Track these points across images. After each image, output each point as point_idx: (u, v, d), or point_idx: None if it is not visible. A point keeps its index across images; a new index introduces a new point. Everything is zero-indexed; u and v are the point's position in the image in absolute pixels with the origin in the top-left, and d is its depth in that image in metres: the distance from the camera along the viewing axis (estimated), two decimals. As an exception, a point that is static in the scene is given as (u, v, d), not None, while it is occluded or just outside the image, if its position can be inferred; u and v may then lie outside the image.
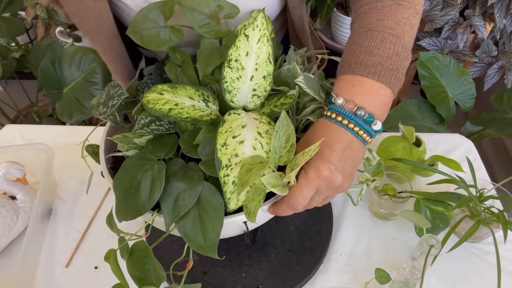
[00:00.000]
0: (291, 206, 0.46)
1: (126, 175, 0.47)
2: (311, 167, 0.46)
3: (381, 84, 0.49)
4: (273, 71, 0.51)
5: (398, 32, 0.50)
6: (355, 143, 0.48)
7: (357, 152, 0.49)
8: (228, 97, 0.49)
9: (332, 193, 0.48)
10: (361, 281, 0.66)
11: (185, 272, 0.46)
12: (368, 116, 0.47)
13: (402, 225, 0.73)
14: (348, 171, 0.47)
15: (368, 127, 0.48)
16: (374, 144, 0.80)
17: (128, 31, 0.52)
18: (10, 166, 0.70)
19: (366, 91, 0.49)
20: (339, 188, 0.48)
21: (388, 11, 0.51)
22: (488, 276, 0.66)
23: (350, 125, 0.47)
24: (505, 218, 0.60)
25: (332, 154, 0.46)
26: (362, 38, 0.51)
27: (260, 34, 0.48)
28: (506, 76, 1.48)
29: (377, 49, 0.50)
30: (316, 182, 0.45)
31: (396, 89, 0.51)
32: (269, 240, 0.70)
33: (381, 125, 0.49)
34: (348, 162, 0.47)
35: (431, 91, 1.29)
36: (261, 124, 0.47)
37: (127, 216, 0.44)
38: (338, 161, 0.46)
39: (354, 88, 0.49)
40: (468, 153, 0.85)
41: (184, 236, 0.45)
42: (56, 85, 1.14)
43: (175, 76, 0.54)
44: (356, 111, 0.47)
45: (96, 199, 0.78)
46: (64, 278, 0.67)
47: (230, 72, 0.48)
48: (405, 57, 0.51)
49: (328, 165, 0.45)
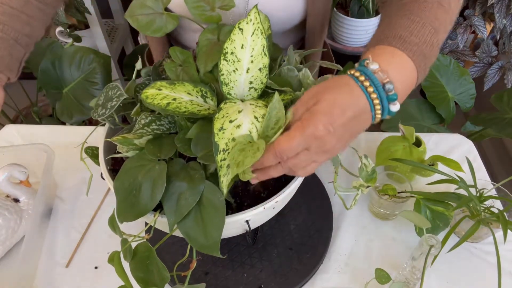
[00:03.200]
0: (277, 153, 0.43)
1: (127, 176, 0.47)
2: (311, 123, 0.43)
3: (414, 66, 0.47)
4: (274, 70, 0.51)
5: (437, 26, 0.49)
6: (366, 114, 0.45)
7: (362, 124, 0.46)
8: (226, 90, 0.49)
9: (320, 157, 0.45)
10: (361, 281, 0.66)
11: (189, 272, 0.46)
12: (393, 94, 0.45)
13: (402, 225, 0.73)
14: (345, 139, 0.45)
15: (387, 104, 0.45)
16: (374, 144, 0.80)
17: (126, 14, 0.52)
18: (13, 168, 0.70)
19: (402, 68, 0.46)
20: (329, 153, 0.45)
21: (430, 7, 0.50)
22: (488, 276, 0.66)
23: (373, 95, 0.44)
24: (505, 218, 0.60)
25: (340, 118, 0.43)
26: (402, 19, 0.49)
27: (254, 28, 0.48)
28: (506, 76, 1.48)
29: (416, 31, 0.48)
30: (309, 138, 0.43)
31: (418, 80, 0.49)
32: (270, 239, 0.70)
33: (398, 108, 0.46)
34: (349, 131, 0.45)
35: (431, 91, 1.29)
36: (257, 108, 0.47)
37: (129, 217, 0.44)
38: (341, 127, 0.43)
39: (393, 59, 0.46)
40: (468, 153, 0.85)
41: (186, 235, 0.45)
42: (56, 85, 1.14)
43: (175, 75, 0.55)
44: (386, 83, 0.44)
45: (96, 199, 0.78)
46: (64, 278, 0.67)
47: (227, 64, 0.48)
48: (434, 54, 0.49)
49: (330, 127, 0.42)
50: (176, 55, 0.55)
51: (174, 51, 0.55)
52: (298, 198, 0.75)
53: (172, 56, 0.55)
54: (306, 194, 0.76)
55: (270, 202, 0.48)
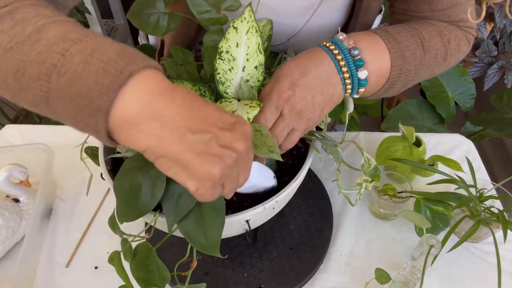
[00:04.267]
0: None
1: (127, 177, 0.47)
2: (275, 87, 0.44)
3: (389, 56, 0.48)
4: (273, 67, 0.51)
5: (426, 46, 0.50)
6: (333, 78, 0.46)
7: (332, 88, 0.46)
8: (222, 89, 0.49)
9: (298, 123, 0.45)
10: (361, 281, 0.66)
11: (190, 272, 0.46)
12: (360, 59, 0.45)
13: (402, 225, 0.73)
14: (317, 101, 0.45)
15: (354, 69, 0.46)
16: (374, 144, 0.80)
17: (128, 14, 0.52)
18: (13, 168, 0.70)
19: (374, 47, 0.47)
20: (304, 118, 0.45)
21: (430, 29, 0.52)
22: (488, 276, 0.66)
23: (338, 57, 0.45)
24: (505, 218, 0.60)
25: (301, 78, 0.44)
26: (396, 25, 0.51)
27: (249, 26, 0.48)
28: (506, 76, 1.48)
29: (404, 35, 0.49)
30: (276, 102, 0.43)
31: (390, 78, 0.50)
32: (270, 239, 0.70)
33: (366, 75, 0.47)
34: (318, 92, 0.45)
35: (431, 91, 1.29)
36: (251, 109, 0.47)
37: (129, 217, 0.44)
38: (305, 86, 0.44)
39: (368, 38, 0.47)
40: (468, 153, 0.85)
41: (186, 235, 0.45)
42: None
43: (175, 73, 0.55)
44: (352, 49, 0.45)
45: (96, 199, 0.78)
46: (64, 278, 0.67)
47: (222, 63, 0.48)
48: (415, 66, 0.50)
49: (292, 86, 0.43)
50: (177, 54, 0.55)
51: (175, 50, 0.55)
52: (298, 198, 0.75)
53: (173, 55, 0.56)
54: (306, 194, 0.76)
55: (270, 202, 0.48)
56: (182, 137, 0.31)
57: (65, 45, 0.32)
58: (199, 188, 0.33)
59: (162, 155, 0.32)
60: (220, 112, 0.34)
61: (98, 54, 0.31)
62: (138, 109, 0.31)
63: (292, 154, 0.60)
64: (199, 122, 0.32)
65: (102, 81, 0.30)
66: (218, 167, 0.32)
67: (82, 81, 0.31)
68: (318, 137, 0.54)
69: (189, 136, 0.31)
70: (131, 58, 0.32)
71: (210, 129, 0.32)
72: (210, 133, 0.32)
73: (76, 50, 0.31)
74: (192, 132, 0.31)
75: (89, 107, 0.31)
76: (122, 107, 0.31)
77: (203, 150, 0.31)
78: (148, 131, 0.31)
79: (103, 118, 0.31)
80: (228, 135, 0.32)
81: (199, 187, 0.32)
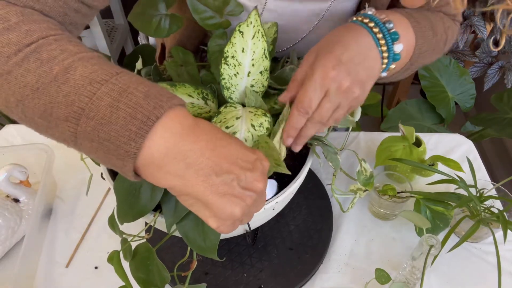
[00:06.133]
0: (300, 109, 0.43)
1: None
2: (318, 66, 0.42)
3: (413, 32, 0.48)
4: (277, 70, 0.51)
5: (435, 31, 0.51)
6: (373, 51, 0.44)
7: (373, 62, 0.44)
8: (227, 94, 0.49)
9: (343, 100, 0.43)
10: (361, 281, 0.66)
11: (190, 272, 0.46)
12: (394, 32, 0.44)
13: (402, 225, 0.73)
14: (361, 77, 0.43)
15: (390, 42, 0.45)
16: (374, 144, 0.80)
17: (130, 16, 0.52)
18: (13, 168, 0.70)
19: (401, 22, 0.47)
20: (350, 95, 0.43)
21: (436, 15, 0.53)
22: (488, 276, 0.66)
23: (375, 29, 0.44)
24: (505, 218, 0.60)
25: (344, 53, 0.42)
26: (407, 9, 0.51)
27: (255, 30, 0.48)
28: (506, 76, 1.48)
29: (420, 18, 0.49)
30: (321, 81, 0.41)
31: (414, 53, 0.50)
32: (269, 240, 0.70)
33: (401, 49, 0.46)
34: (361, 66, 0.43)
35: (431, 91, 1.29)
36: (256, 117, 0.47)
37: (129, 218, 0.44)
38: (349, 61, 0.42)
39: (391, 13, 0.47)
40: (468, 153, 0.85)
41: (184, 237, 0.45)
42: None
43: (176, 74, 0.55)
44: (386, 22, 0.44)
45: (96, 199, 0.78)
46: (64, 278, 0.67)
47: (228, 68, 0.48)
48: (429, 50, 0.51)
49: (337, 62, 0.41)
50: (178, 54, 0.55)
51: (176, 50, 0.55)
52: (298, 198, 0.75)
53: (174, 56, 0.55)
54: (306, 194, 0.76)
55: (270, 203, 0.48)
56: (206, 179, 0.32)
57: (92, 88, 0.32)
58: (220, 226, 0.35)
59: (185, 193, 0.34)
60: (242, 149, 0.35)
61: (125, 99, 0.32)
62: (165, 152, 0.32)
63: (292, 155, 0.60)
64: (222, 163, 0.33)
65: (130, 127, 0.31)
66: (239, 208, 0.33)
67: (111, 126, 0.31)
68: (320, 143, 0.54)
69: (213, 178, 0.33)
70: (157, 101, 0.32)
71: (232, 169, 0.33)
72: (233, 174, 0.33)
73: (103, 93, 0.32)
74: (216, 174, 0.33)
75: (117, 151, 0.32)
76: (149, 151, 0.32)
77: (225, 192, 0.33)
78: (173, 172, 0.32)
79: (131, 162, 0.32)
80: (249, 176, 0.34)
81: (220, 225, 0.34)
